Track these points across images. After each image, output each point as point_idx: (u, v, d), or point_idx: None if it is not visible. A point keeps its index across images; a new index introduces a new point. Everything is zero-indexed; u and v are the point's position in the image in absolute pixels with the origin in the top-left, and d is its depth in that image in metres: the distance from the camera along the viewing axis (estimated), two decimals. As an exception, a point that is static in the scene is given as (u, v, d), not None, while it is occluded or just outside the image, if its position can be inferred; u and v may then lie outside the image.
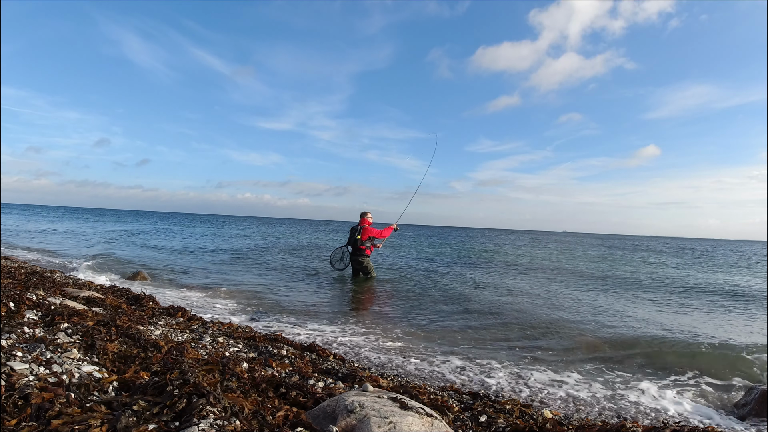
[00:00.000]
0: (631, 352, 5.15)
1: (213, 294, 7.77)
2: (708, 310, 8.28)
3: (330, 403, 1.95)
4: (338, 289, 9.03)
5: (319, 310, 6.74)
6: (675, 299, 9.48)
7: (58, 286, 5.31)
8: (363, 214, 10.42)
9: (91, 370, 2.17)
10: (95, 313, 3.66)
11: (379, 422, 1.72)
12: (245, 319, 5.88)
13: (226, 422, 1.64)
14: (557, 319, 6.68)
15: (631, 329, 6.16)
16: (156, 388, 1.85)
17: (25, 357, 2.18)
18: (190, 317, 4.74)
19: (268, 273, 11.16)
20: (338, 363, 3.60)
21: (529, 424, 2.30)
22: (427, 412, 1.93)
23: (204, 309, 6.36)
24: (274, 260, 14.50)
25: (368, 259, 10.36)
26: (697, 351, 5.14)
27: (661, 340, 5.56)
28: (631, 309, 7.94)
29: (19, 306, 3.30)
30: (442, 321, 6.45)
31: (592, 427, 2.32)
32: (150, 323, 3.93)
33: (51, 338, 2.56)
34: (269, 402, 2.04)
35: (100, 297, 4.88)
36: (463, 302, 7.85)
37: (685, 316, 7.65)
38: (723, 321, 7.32)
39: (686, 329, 6.33)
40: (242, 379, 2.27)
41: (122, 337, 2.85)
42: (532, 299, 8.51)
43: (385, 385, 2.80)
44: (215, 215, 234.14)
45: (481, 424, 2.32)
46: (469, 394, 3.07)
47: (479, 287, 9.93)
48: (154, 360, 2.40)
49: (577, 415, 3.21)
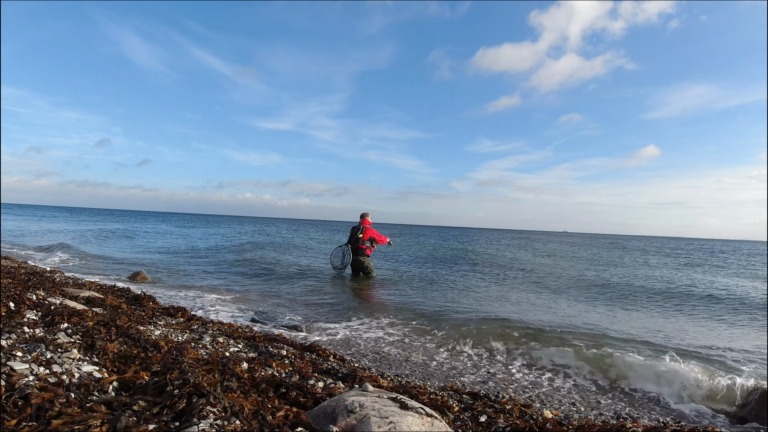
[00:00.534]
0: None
1: (213, 294, 7.77)
2: (707, 312, 8.28)
3: (330, 403, 1.95)
4: (338, 289, 9.03)
5: (319, 310, 6.74)
6: (677, 303, 9.47)
7: (58, 286, 5.31)
8: (363, 215, 10.42)
9: (91, 370, 2.17)
10: (95, 313, 3.66)
11: (379, 422, 1.72)
12: (245, 319, 5.87)
13: (226, 422, 1.64)
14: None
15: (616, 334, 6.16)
16: (156, 388, 1.85)
17: (25, 357, 2.18)
18: (190, 317, 4.74)
19: (268, 273, 11.15)
20: (338, 363, 3.60)
21: (529, 424, 2.29)
22: (427, 412, 1.93)
23: (204, 309, 6.36)
24: (274, 260, 14.50)
25: (368, 258, 10.36)
26: (697, 351, 5.13)
27: (661, 341, 5.56)
28: (627, 314, 7.93)
29: (19, 306, 3.30)
30: (441, 321, 6.44)
31: (592, 427, 2.32)
32: (150, 323, 3.92)
33: (51, 338, 2.56)
34: (269, 402, 2.04)
35: (100, 297, 4.88)
36: (463, 303, 7.85)
37: (686, 317, 7.65)
38: (723, 321, 7.32)
39: (684, 331, 6.32)
40: (242, 379, 2.27)
41: (122, 337, 2.85)
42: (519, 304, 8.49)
43: (385, 385, 2.80)
44: (215, 215, 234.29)
45: (481, 424, 2.32)
46: (469, 394, 3.07)
47: (476, 288, 9.93)
48: (154, 360, 2.40)
49: (577, 415, 3.21)
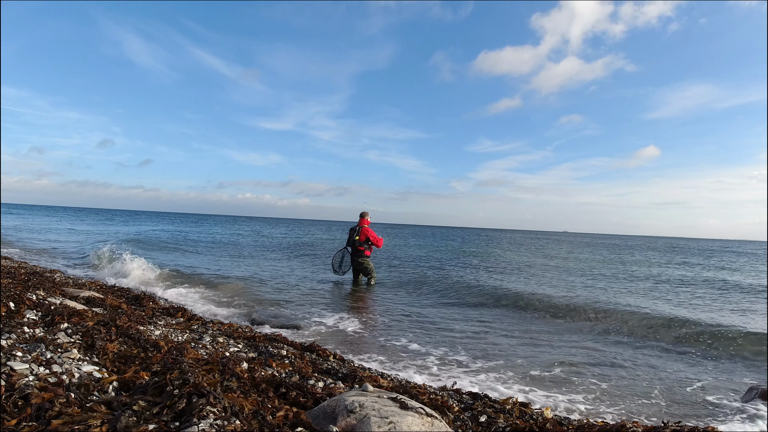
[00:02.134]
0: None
1: (213, 293, 7.77)
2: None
3: (330, 403, 1.95)
4: (338, 290, 9.03)
5: (319, 310, 6.74)
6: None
7: (58, 286, 5.31)
8: (362, 214, 10.41)
9: (91, 370, 2.17)
10: (95, 313, 3.66)
11: (379, 422, 1.72)
12: (245, 319, 5.88)
13: (226, 422, 1.64)
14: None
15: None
16: (156, 388, 1.85)
17: (25, 357, 2.18)
18: (190, 317, 4.74)
19: (269, 272, 11.15)
20: (338, 363, 3.60)
21: (529, 424, 2.29)
22: (427, 412, 1.93)
23: (204, 309, 6.36)
24: (274, 260, 14.49)
25: (368, 259, 10.35)
26: (696, 351, 5.14)
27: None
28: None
29: (19, 306, 3.30)
30: (441, 320, 6.45)
31: (592, 427, 2.32)
32: (150, 323, 3.92)
33: (51, 338, 2.56)
34: (269, 402, 2.04)
35: (100, 297, 4.88)
36: (462, 303, 7.85)
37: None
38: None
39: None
40: (242, 379, 2.27)
41: (122, 337, 2.85)
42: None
43: (385, 385, 2.79)
44: (216, 215, 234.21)
45: (481, 424, 2.32)
46: (468, 394, 3.07)
47: (477, 289, 9.93)
48: (154, 360, 2.40)
49: (577, 414, 3.21)
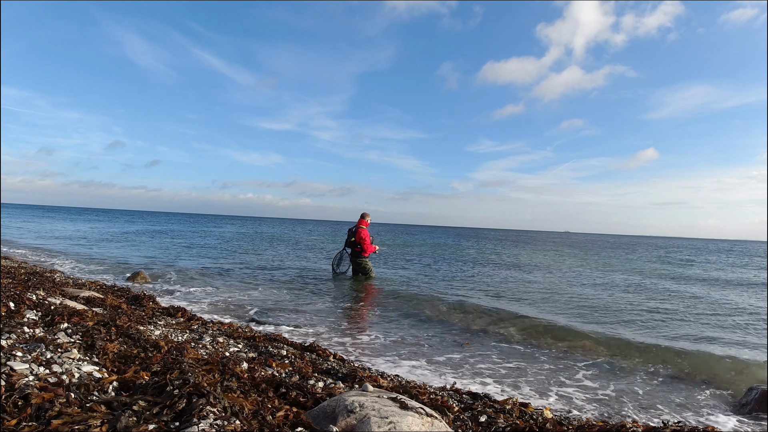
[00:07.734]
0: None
1: (213, 294, 7.77)
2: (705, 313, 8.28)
3: (330, 403, 1.94)
4: (338, 290, 9.03)
5: (319, 310, 6.74)
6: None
7: (58, 286, 5.30)
8: (362, 215, 10.42)
9: (91, 370, 2.17)
10: (95, 313, 3.66)
11: (379, 422, 1.72)
12: (245, 319, 5.87)
13: (226, 422, 1.64)
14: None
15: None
16: (156, 388, 1.85)
17: (25, 357, 2.17)
18: (190, 317, 4.74)
19: (269, 273, 11.15)
20: (338, 363, 3.60)
21: (529, 424, 2.29)
22: (427, 412, 1.93)
23: (204, 309, 6.35)
24: (274, 260, 14.49)
25: (366, 259, 10.36)
26: (695, 351, 5.14)
27: (663, 343, 5.56)
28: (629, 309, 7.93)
29: (19, 306, 3.30)
30: (440, 320, 6.45)
31: (592, 428, 2.32)
32: (150, 323, 3.92)
33: (51, 338, 2.56)
34: (269, 402, 2.03)
35: (100, 297, 4.88)
36: (462, 303, 7.85)
37: (682, 320, 7.65)
38: (721, 323, 7.32)
39: (685, 332, 6.32)
40: (242, 379, 2.27)
41: (122, 337, 2.85)
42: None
43: (385, 385, 2.79)
44: (216, 215, 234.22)
45: (481, 424, 2.32)
46: (468, 394, 3.06)
47: (474, 291, 9.93)
48: (154, 360, 2.40)
49: (576, 413, 3.21)
